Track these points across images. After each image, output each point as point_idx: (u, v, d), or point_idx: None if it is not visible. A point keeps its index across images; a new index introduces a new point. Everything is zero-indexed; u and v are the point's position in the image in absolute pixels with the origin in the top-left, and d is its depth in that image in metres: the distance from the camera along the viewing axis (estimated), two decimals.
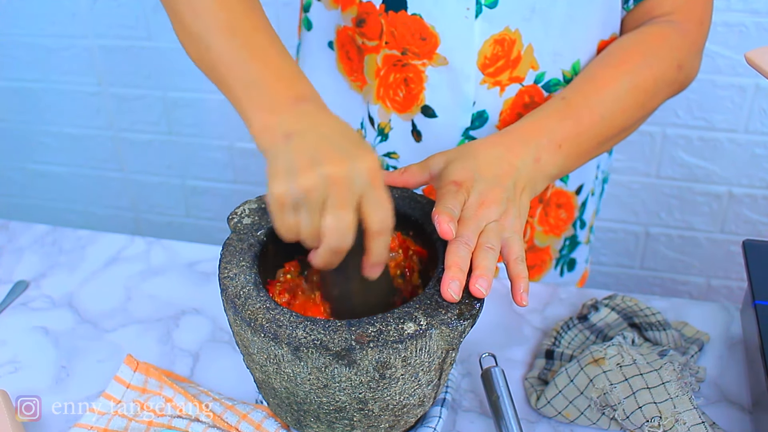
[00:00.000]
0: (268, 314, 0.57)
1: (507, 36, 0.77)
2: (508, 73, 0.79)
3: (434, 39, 0.78)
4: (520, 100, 0.81)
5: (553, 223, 0.93)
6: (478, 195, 0.64)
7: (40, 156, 2.06)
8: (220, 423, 0.69)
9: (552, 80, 0.81)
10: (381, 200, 0.54)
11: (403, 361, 0.56)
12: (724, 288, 1.75)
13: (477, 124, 0.82)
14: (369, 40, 0.81)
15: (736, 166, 1.59)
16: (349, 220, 0.53)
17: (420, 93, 0.81)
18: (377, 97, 0.84)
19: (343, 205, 0.53)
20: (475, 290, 0.58)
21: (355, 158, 0.53)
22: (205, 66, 0.65)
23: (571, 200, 0.93)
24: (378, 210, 0.54)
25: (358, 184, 0.53)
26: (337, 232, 0.54)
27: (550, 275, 0.98)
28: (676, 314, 0.85)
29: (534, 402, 0.73)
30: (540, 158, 0.70)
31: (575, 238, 0.97)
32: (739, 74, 1.48)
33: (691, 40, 0.80)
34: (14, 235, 1.01)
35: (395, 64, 0.81)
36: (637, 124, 0.80)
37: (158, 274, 0.94)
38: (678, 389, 0.68)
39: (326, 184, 0.52)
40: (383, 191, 0.55)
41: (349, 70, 0.86)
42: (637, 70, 0.77)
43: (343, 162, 0.53)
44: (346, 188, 0.53)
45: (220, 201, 1.98)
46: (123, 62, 1.82)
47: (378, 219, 0.54)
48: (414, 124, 0.84)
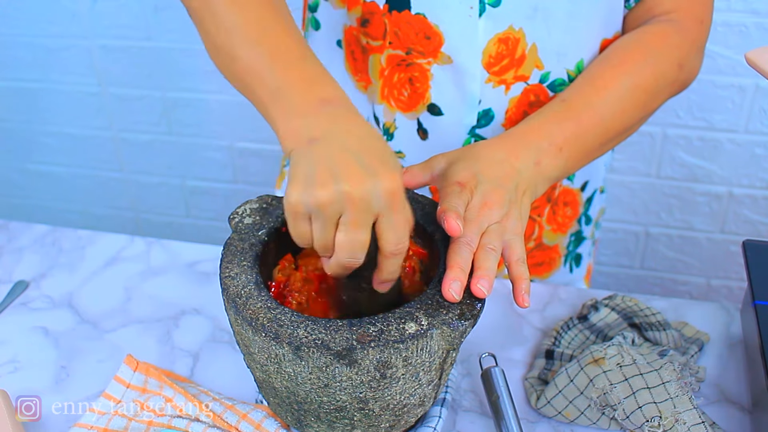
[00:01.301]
0: (269, 314, 0.57)
1: (511, 35, 0.77)
2: (512, 71, 0.79)
3: (438, 38, 0.78)
4: (526, 99, 0.81)
5: (560, 221, 0.93)
6: (481, 196, 0.64)
7: (40, 156, 2.06)
8: (220, 423, 0.69)
9: (557, 80, 0.81)
10: (398, 223, 0.54)
11: (404, 360, 0.56)
12: (724, 288, 1.75)
13: (483, 123, 0.82)
14: (373, 39, 0.81)
15: (736, 166, 1.59)
16: (362, 239, 0.53)
17: (426, 91, 0.81)
18: (381, 96, 0.84)
19: (358, 224, 0.52)
20: (477, 290, 0.58)
21: (377, 178, 0.52)
22: (234, 78, 0.64)
23: (576, 197, 0.93)
24: (393, 233, 0.54)
25: (375, 205, 0.52)
26: (349, 249, 0.54)
27: (560, 272, 0.98)
28: (676, 314, 0.85)
29: (534, 402, 0.73)
30: (541, 162, 0.70)
31: (580, 234, 0.97)
32: (739, 74, 1.48)
33: (692, 38, 0.80)
34: (14, 235, 1.01)
35: (399, 64, 0.81)
36: (639, 123, 0.80)
37: (158, 274, 0.94)
38: (678, 389, 0.68)
39: (343, 201, 0.52)
40: (402, 213, 0.54)
41: (354, 70, 0.86)
42: (638, 70, 0.77)
43: (364, 181, 0.51)
44: (362, 208, 0.52)
45: (220, 201, 1.98)
46: (123, 62, 1.82)
47: (392, 242, 0.54)
48: (420, 123, 0.84)
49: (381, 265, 0.56)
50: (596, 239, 1.05)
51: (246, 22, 0.63)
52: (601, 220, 1.03)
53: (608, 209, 1.71)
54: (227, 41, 0.63)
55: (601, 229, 1.05)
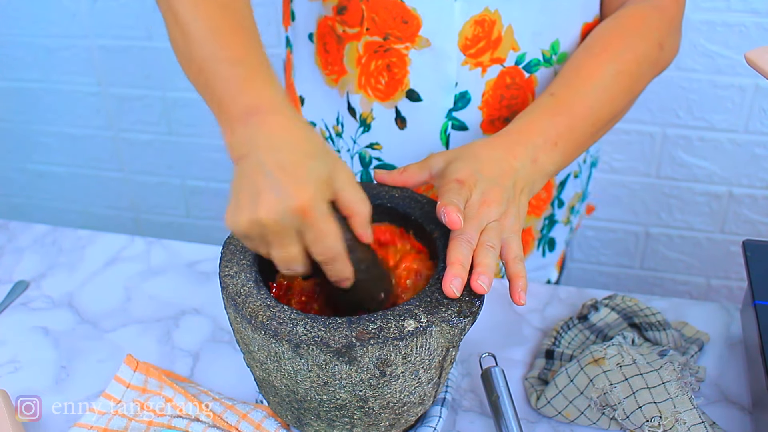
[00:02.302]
0: (268, 311, 0.57)
1: (487, 17, 0.78)
2: (489, 54, 0.80)
3: (416, 21, 0.78)
4: (502, 81, 0.82)
5: (534, 203, 0.93)
6: (480, 194, 0.64)
7: (40, 156, 2.06)
8: (220, 423, 0.69)
9: (532, 60, 0.82)
10: (318, 235, 0.55)
11: (404, 358, 0.56)
12: (724, 288, 1.75)
13: (460, 105, 0.82)
14: (350, 27, 0.81)
15: (736, 166, 1.59)
16: (291, 254, 0.56)
17: (404, 77, 0.82)
18: (359, 86, 0.84)
19: (281, 244, 0.55)
20: (477, 286, 0.58)
21: (286, 199, 0.53)
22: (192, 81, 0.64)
23: (550, 181, 0.93)
24: (317, 245, 0.55)
25: (290, 225, 0.54)
26: (284, 264, 0.57)
27: (533, 256, 0.99)
28: (676, 314, 0.85)
29: (534, 402, 0.73)
30: (538, 159, 0.70)
31: (553, 217, 0.98)
32: (739, 74, 1.48)
33: (669, 17, 0.81)
34: (14, 235, 1.01)
35: (377, 51, 0.81)
36: (627, 107, 0.81)
37: (158, 274, 0.94)
38: (678, 389, 0.68)
39: (261, 227, 0.54)
40: (319, 225, 0.55)
41: (324, 63, 0.87)
42: (620, 56, 0.77)
43: (274, 206, 0.53)
44: (278, 231, 0.54)
45: (220, 201, 1.98)
46: (123, 62, 1.82)
47: (318, 252, 0.56)
48: (398, 111, 0.84)
49: (324, 270, 0.58)
50: (575, 226, 1.05)
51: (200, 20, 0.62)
52: (579, 207, 1.03)
53: (608, 209, 1.71)
54: (184, 43, 0.63)
55: (580, 216, 1.05)
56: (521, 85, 0.83)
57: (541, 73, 0.83)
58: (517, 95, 0.83)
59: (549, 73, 0.83)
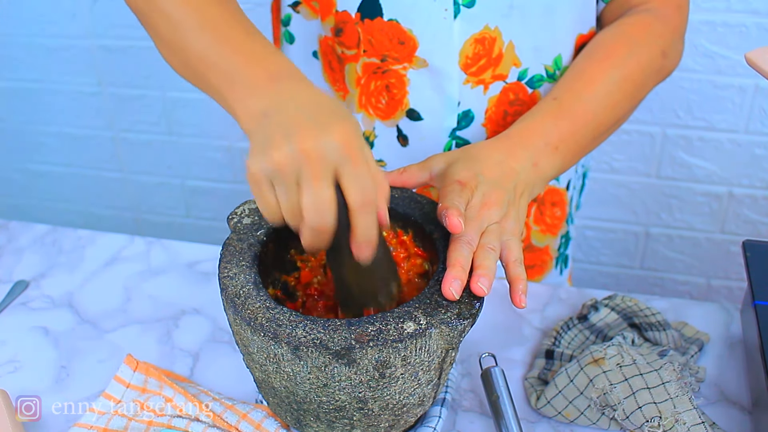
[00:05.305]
0: (267, 313, 0.57)
1: (487, 35, 0.77)
2: (490, 71, 0.80)
3: (412, 42, 0.78)
4: (505, 98, 0.82)
5: (549, 222, 0.93)
6: (481, 196, 0.64)
7: (40, 156, 2.06)
8: (220, 423, 0.69)
9: (535, 76, 0.81)
10: (359, 173, 0.51)
11: (403, 360, 0.56)
12: (724, 288, 1.75)
13: (463, 124, 0.82)
14: (348, 49, 0.81)
15: (736, 166, 1.59)
16: (326, 196, 0.51)
17: (404, 97, 0.81)
18: (359, 105, 0.84)
19: (317, 179, 0.50)
20: (477, 288, 0.58)
21: (328, 129, 0.51)
22: (187, 70, 0.64)
23: (564, 197, 0.93)
24: (356, 183, 0.51)
25: (331, 157, 0.50)
26: (315, 210, 0.51)
27: (551, 275, 0.98)
28: (676, 314, 0.85)
29: (534, 402, 0.73)
30: (538, 162, 0.70)
31: (568, 234, 0.98)
32: (739, 74, 1.48)
33: (673, 26, 0.81)
34: (14, 235, 1.01)
35: (375, 72, 0.81)
36: (628, 114, 0.81)
37: (158, 274, 0.94)
38: (678, 389, 0.68)
39: (298, 159, 0.50)
40: (361, 164, 0.52)
41: (332, 80, 0.86)
42: (624, 62, 0.77)
43: (316, 135, 0.50)
44: (317, 162, 0.50)
45: (220, 201, 1.98)
46: (123, 62, 1.82)
47: (356, 192, 0.51)
48: (399, 129, 0.84)
49: (353, 223, 0.53)
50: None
51: (191, 12, 0.62)
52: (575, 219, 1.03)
53: (608, 209, 1.71)
54: (176, 35, 0.63)
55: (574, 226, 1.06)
56: (525, 101, 0.82)
57: (545, 88, 0.83)
58: (520, 111, 0.82)
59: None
